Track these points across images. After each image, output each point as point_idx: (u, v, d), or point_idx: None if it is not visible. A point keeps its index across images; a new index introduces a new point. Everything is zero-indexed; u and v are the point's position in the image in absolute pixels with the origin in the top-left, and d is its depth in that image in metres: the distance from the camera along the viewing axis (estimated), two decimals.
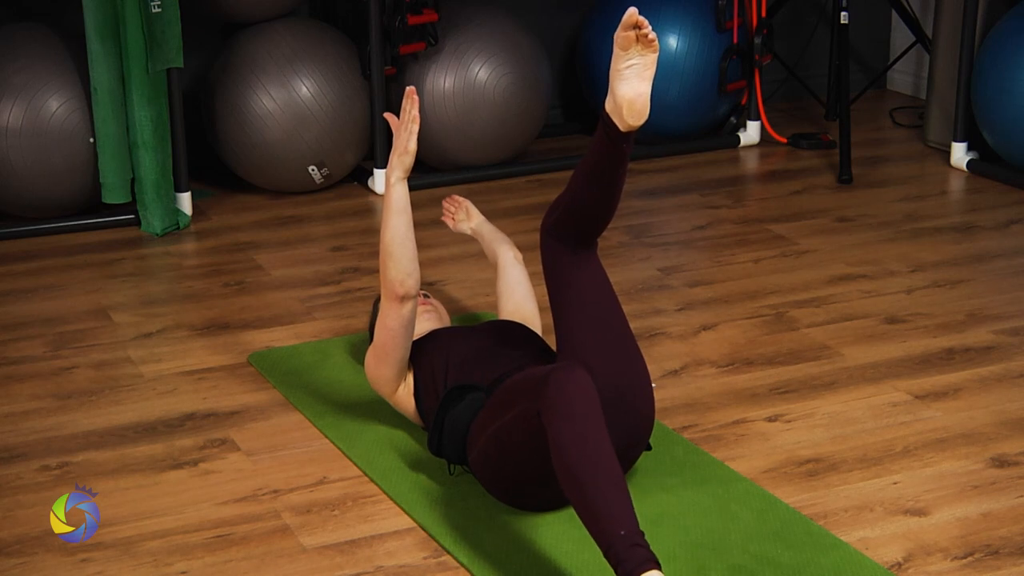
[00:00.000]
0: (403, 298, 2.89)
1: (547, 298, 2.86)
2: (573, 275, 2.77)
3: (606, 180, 2.67)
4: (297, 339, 3.65)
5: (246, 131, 4.61)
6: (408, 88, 2.89)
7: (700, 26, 5.10)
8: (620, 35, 2.55)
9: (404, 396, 3.02)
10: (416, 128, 2.90)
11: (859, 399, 3.27)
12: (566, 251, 2.77)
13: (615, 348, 2.75)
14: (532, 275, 3.30)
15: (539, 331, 3.18)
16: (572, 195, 2.73)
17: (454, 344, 3.00)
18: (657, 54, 2.57)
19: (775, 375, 3.41)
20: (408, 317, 2.92)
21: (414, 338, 3.13)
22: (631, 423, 2.76)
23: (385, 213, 2.95)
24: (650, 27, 2.55)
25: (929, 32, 5.43)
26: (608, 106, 2.60)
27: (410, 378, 3.01)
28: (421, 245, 4.30)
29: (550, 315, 3.19)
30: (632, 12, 2.53)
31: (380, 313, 2.96)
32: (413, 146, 2.92)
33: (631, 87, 2.56)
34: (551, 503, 2.75)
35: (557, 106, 5.54)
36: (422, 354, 3.01)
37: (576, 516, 2.74)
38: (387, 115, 2.99)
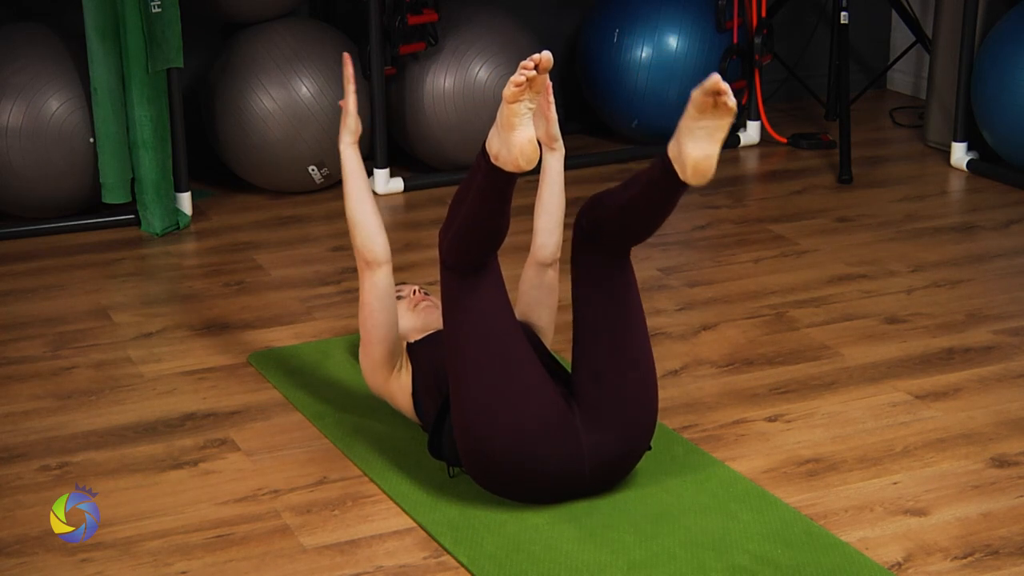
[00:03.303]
0: (372, 264, 2.97)
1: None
2: (600, 280, 2.73)
3: (653, 209, 2.62)
4: (297, 339, 3.65)
5: (246, 131, 4.61)
6: (344, 55, 3.06)
7: (700, 26, 5.10)
8: (699, 98, 2.47)
9: (399, 392, 3.02)
10: (353, 88, 3.01)
11: (859, 399, 3.27)
12: (598, 253, 2.72)
13: (629, 359, 2.74)
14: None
15: (548, 342, 3.16)
16: (616, 209, 2.66)
17: None
18: (733, 118, 2.49)
19: (775, 375, 3.41)
20: (382, 287, 2.97)
21: (416, 338, 3.13)
22: (633, 431, 2.77)
23: (343, 181, 3.03)
24: (731, 94, 2.46)
25: (929, 32, 5.43)
26: (672, 152, 2.52)
27: (406, 376, 3.02)
28: (422, 246, 4.32)
29: (558, 320, 3.20)
30: (716, 80, 2.44)
31: (360, 291, 3.00)
32: (352, 107, 3.02)
33: (700, 148, 2.49)
34: (536, 485, 2.75)
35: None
36: (422, 354, 3.01)
37: (576, 517, 2.75)
38: (340, 102, 3.08)
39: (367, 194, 3.02)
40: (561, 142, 3.07)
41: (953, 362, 3.47)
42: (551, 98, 3.00)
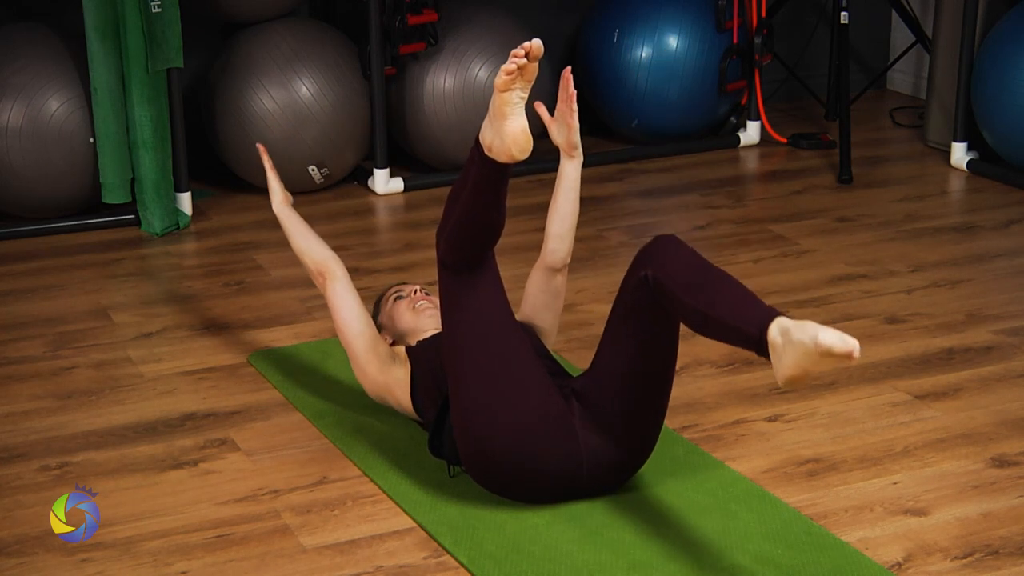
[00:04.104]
0: (328, 275, 3.12)
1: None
2: (643, 321, 2.67)
3: (720, 340, 2.55)
4: (297, 339, 3.65)
5: (246, 131, 4.61)
6: (258, 145, 3.47)
7: (700, 26, 5.10)
8: (828, 348, 2.29)
9: (396, 386, 3.02)
10: (269, 165, 3.38)
11: (859, 399, 3.27)
12: (651, 306, 2.64)
13: (646, 393, 2.73)
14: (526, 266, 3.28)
15: (550, 344, 3.17)
16: (689, 309, 2.55)
17: None
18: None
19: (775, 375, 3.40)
20: (342, 289, 3.10)
21: (419, 338, 3.14)
22: (632, 443, 2.77)
23: (284, 230, 3.30)
24: (858, 356, 2.32)
25: (929, 32, 5.43)
26: (773, 340, 2.39)
27: (401, 370, 3.02)
28: (422, 246, 4.32)
29: (561, 320, 3.19)
30: (854, 349, 2.29)
31: (328, 305, 3.12)
32: (273, 178, 3.37)
33: (802, 369, 2.36)
34: (535, 485, 2.75)
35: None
36: (422, 355, 3.01)
37: (576, 517, 2.75)
38: (259, 146, 3.47)
39: (307, 228, 3.26)
40: (580, 150, 3.06)
41: (953, 362, 3.47)
42: (574, 107, 3.00)
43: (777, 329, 2.38)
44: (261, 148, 3.44)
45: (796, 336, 2.33)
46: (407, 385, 3.01)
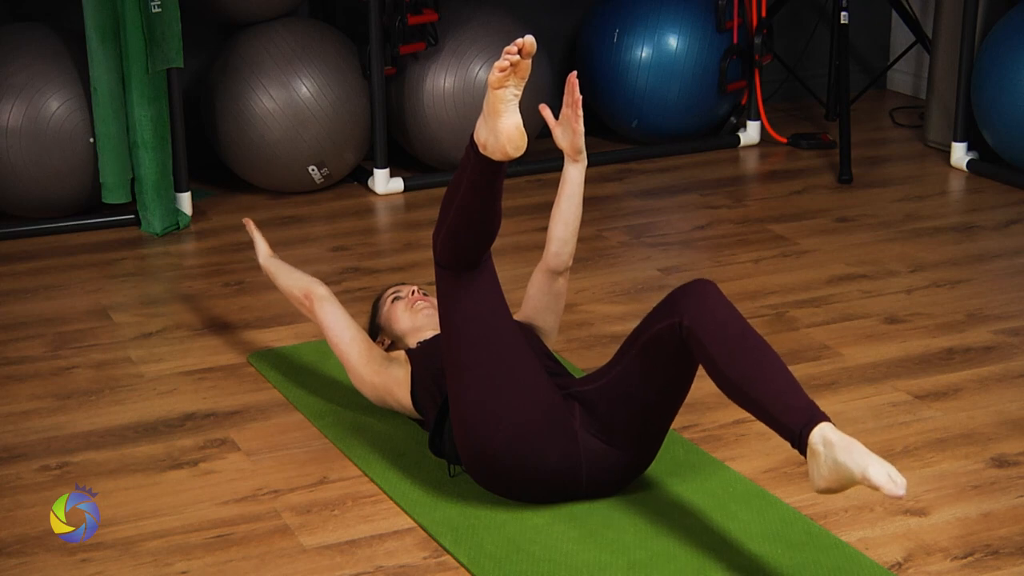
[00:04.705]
0: (315, 297, 3.19)
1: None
2: (668, 363, 2.68)
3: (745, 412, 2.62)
4: (297, 339, 3.65)
5: (246, 131, 4.61)
6: (244, 220, 3.55)
7: (700, 26, 5.10)
8: (873, 483, 2.32)
9: (396, 386, 3.03)
10: (251, 227, 3.49)
11: (859, 399, 3.27)
12: (676, 348, 2.64)
13: (650, 417, 2.74)
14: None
15: (551, 344, 3.17)
16: (724, 380, 2.56)
17: None
18: None
19: None
20: (329, 304, 3.16)
21: (414, 338, 3.14)
22: (631, 449, 2.78)
23: (272, 279, 3.36)
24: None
25: (929, 32, 5.43)
26: (814, 444, 2.41)
27: (398, 370, 3.03)
28: (422, 246, 4.32)
29: (570, 322, 3.19)
30: (900, 489, 2.30)
31: (318, 324, 3.18)
32: (258, 239, 3.46)
33: (832, 487, 2.39)
34: (535, 486, 2.75)
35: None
36: (421, 357, 3.01)
37: (576, 517, 2.75)
38: (245, 220, 3.55)
39: (288, 266, 3.36)
40: (585, 154, 3.06)
41: (953, 362, 3.47)
42: (580, 111, 3.00)
43: (820, 438, 2.40)
44: (247, 222, 3.52)
45: (842, 459, 2.35)
46: (407, 385, 3.01)
